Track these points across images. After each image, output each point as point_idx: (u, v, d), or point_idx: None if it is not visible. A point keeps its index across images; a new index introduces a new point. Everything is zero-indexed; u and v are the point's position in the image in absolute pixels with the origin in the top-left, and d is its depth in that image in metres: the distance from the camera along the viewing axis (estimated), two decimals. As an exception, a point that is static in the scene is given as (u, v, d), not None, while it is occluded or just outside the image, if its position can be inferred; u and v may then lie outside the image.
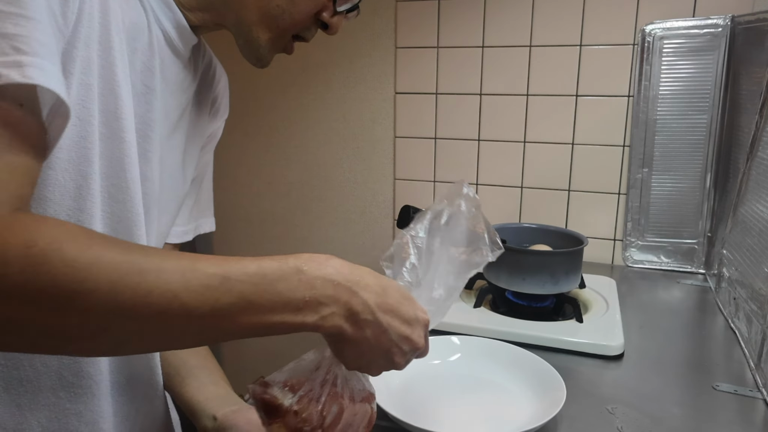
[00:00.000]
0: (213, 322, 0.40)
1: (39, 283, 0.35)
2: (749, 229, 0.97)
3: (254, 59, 0.64)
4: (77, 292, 0.35)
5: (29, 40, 0.39)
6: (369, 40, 1.49)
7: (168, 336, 0.41)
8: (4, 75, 0.37)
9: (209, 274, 0.40)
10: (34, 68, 0.38)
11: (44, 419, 0.53)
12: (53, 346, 0.39)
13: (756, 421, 0.73)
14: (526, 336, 0.91)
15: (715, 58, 1.21)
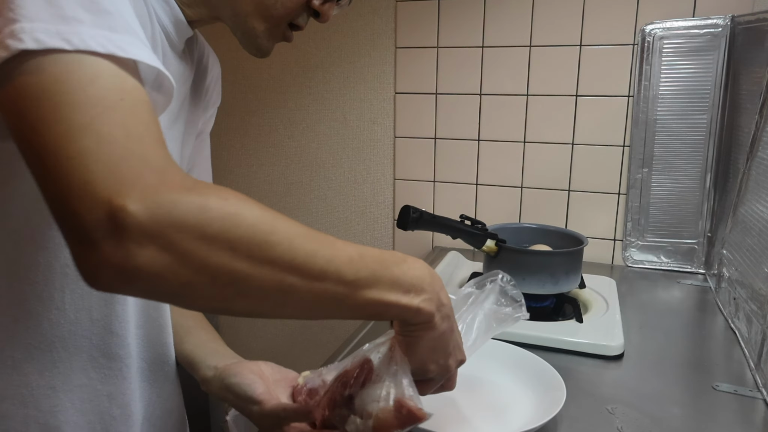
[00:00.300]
0: (350, 292, 0.45)
1: (238, 229, 0.38)
2: (749, 229, 0.97)
3: (254, 50, 0.65)
4: (266, 242, 0.39)
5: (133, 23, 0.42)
6: (369, 40, 1.49)
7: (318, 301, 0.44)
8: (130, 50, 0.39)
9: (351, 249, 0.45)
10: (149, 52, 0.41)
11: (77, 401, 0.54)
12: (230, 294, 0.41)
13: (756, 421, 0.73)
14: (526, 336, 0.91)
15: (715, 58, 1.21)
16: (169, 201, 0.36)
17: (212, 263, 0.38)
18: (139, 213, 0.35)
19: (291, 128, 1.61)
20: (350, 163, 1.58)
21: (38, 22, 0.37)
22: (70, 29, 0.37)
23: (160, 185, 0.37)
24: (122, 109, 0.38)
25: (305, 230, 0.43)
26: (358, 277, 0.44)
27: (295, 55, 1.56)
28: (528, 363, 0.80)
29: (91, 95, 0.37)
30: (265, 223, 0.40)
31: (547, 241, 1.12)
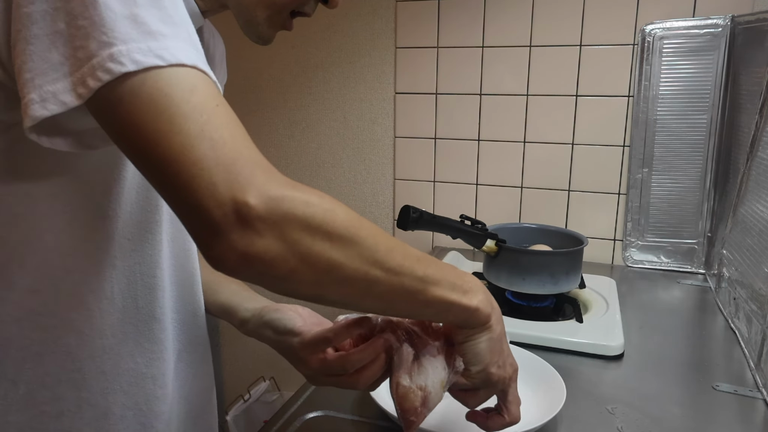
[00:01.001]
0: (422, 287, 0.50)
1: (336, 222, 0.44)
2: (749, 229, 0.97)
3: (255, 37, 0.66)
4: (357, 236, 0.45)
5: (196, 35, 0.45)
6: (369, 40, 1.49)
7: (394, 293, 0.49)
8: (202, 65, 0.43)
9: (416, 251, 0.50)
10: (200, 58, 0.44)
11: (125, 384, 0.58)
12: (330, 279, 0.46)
13: (756, 421, 0.73)
14: (526, 336, 0.91)
15: (715, 58, 1.21)
16: (281, 196, 0.42)
17: (314, 251, 0.43)
18: (258, 206, 0.41)
19: (291, 128, 1.61)
20: (350, 163, 1.58)
21: (132, 43, 0.40)
22: (159, 45, 0.41)
23: (269, 182, 0.42)
24: (221, 114, 0.43)
25: (382, 231, 0.48)
26: (426, 273, 0.50)
27: (295, 55, 1.56)
28: (528, 363, 0.80)
29: (196, 104, 0.41)
30: (354, 219, 0.46)
31: (547, 241, 1.12)
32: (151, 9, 0.42)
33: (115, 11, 0.40)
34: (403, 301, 0.50)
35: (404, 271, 0.48)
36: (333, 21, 1.50)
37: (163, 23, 0.42)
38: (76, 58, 0.40)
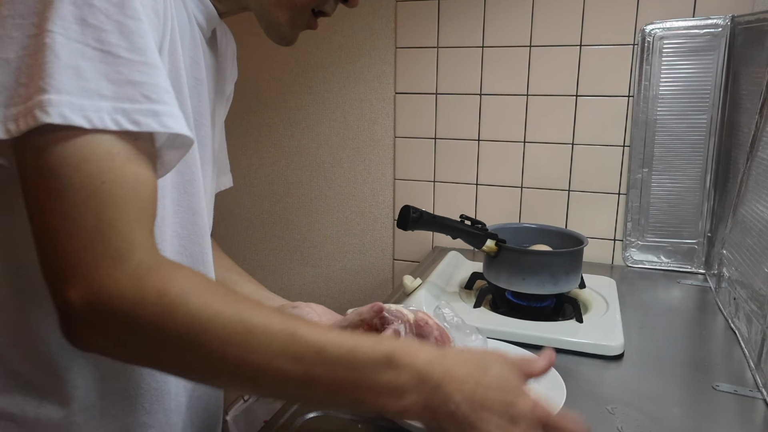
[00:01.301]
0: (300, 388, 0.44)
1: (166, 328, 0.42)
2: (749, 229, 0.97)
3: (278, 38, 0.66)
4: (196, 341, 0.42)
5: (156, 87, 0.44)
6: (369, 40, 1.49)
7: (261, 387, 0.46)
8: (144, 123, 0.43)
9: (308, 343, 0.44)
10: (167, 117, 0.44)
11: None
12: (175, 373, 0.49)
13: (756, 421, 0.73)
14: (526, 336, 0.91)
15: (715, 58, 1.21)
16: (108, 296, 0.41)
17: (144, 353, 0.44)
18: (81, 308, 0.41)
19: (291, 128, 1.61)
20: (350, 163, 1.58)
21: (65, 95, 0.40)
22: (93, 104, 0.41)
23: (107, 277, 0.41)
24: (101, 194, 0.42)
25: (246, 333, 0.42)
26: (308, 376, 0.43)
27: (295, 55, 1.56)
28: (528, 363, 0.80)
29: (76, 182, 0.41)
30: (199, 322, 0.42)
31: (547, 241, 1.12)
32: (99, 63, 0.41)
33: (61, 59, 0.40)
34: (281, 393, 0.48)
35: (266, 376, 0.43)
36: (333, 21, 1.50)
37: (109, 81, 0.42)
38: (17, 94, 0.41)
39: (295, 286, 1.71)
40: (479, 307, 1.05)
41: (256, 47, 1.56)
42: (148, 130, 0.43)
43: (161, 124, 0.44)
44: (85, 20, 0.41)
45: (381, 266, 1.60)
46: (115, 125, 0.42)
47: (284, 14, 0.63)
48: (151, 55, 0.44)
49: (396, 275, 1.59)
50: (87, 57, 0.41)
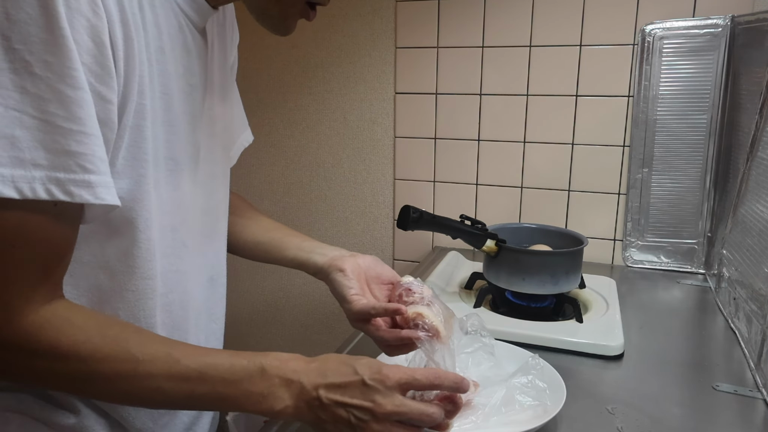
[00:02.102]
0: (188, 404, 0.53)
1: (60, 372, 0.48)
2: (749, 229, 0.97)
3: (272, 29, 0.66)
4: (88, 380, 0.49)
5: (93, 158, 0.45)
6: (369, 40, 1.49)
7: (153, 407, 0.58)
8: (77, 194, 0.44)
9: (190, 369, 0.50)
10: (102, 188, 0.46)
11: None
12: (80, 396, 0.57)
13: (756, 421, 0.73)
14: (526, 336, 0.91)
15: (715, 58, 1.21)
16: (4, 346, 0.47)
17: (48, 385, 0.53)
18: None
19: (291, 128, 1.61)
20: (350, 163, 1.58)
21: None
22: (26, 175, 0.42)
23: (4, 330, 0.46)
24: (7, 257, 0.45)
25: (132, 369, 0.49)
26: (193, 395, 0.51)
27: (295, 55, 1.56)
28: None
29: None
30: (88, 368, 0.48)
31: (547, 241, 1.12)
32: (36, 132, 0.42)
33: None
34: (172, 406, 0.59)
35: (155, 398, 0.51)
36: (333, 21, 1.50)
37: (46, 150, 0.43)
38: None
39: (295, 286, 1.71)
40: (479, 307, 1.05)
41: (256, 47, 1.56)
42: (80, 202, 0.45)
43: (94, 195, 0.45)
44: (25, 88, 0.42)
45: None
46: (48, 195, 0.43)
47: (275, 6, 0.61)
48: (90, 125, 0.45)
49: (396, 275, 1.59)
50: (24, 125, 0.42)
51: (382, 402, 0.53)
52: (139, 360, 0.49)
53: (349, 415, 0.53)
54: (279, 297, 1.73)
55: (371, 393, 0.53)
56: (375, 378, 0.53)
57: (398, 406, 0.53)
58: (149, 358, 0.49)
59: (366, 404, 0.53)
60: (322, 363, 0.55)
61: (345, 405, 0.53)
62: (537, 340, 0.91)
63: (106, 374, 0.48)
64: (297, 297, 1.71)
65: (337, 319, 1.67)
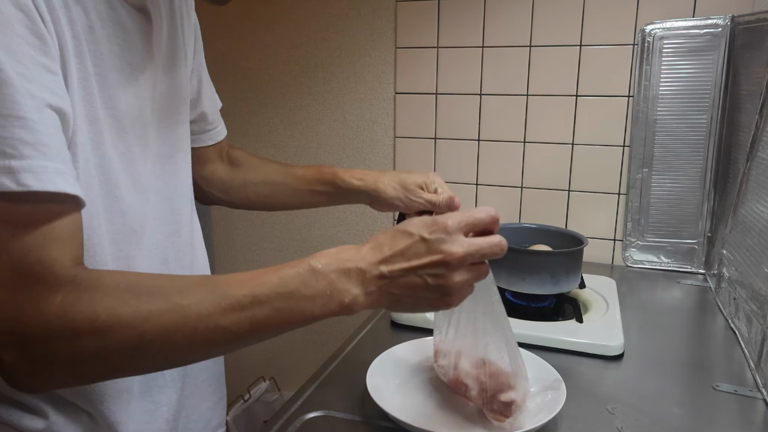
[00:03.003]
0: (255, 334, 0.47)
1: (108, 346, 0.43)
2: (749, 229, 0.97)
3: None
4: (140, 345, 0.44)
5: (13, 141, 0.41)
6: (369, 40, 1.49)
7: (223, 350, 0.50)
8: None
9: (240, 296, 0.46)
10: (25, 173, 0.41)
11: None
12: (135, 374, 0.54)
13: (756, 421, 0.73)
14: (526, 336, 0.91)
15: (715, 58, 1.21)
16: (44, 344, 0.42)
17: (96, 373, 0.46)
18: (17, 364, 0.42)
19: (291, 128, 1.61)
20: (350, 163, 1.58)
21: None
22: None
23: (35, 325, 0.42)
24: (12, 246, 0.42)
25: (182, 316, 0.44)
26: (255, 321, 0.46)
27: (295, 55, 1.56)
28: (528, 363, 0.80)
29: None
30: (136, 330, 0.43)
31: (547, 241, 1.12)
32: None
33: None
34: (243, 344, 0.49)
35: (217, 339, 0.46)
36: (333, 21, 1.50)
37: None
38: None
39: (295, 286, 1.70)
40: (479, 307, 1.05)
41: (257, 47, 1.56)
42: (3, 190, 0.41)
43: (17, 182, 0.41)
44: None
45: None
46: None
47: None
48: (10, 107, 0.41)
49: (396, 275, 1.59)
50: None
51: (452, 249, 0.50)
52: (184, 306, 0.45)
53: (423, 278, 0.50)
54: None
55: (437, 245, 0.50)
56: (434, 230, 0.50)
57: (469, 247, 0.50)
58: (194, 301, 0.45)
59: (436, 258, 0.49)
60: (372, 242, 0.51)
61: (414, 269, 0.50)
62: (537, 340, 0.91)
63: (156, 331, 0.44)
64: (297, 297, 1.71)
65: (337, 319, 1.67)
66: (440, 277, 0.50)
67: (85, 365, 0.44)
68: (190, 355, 0.48)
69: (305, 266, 0.49)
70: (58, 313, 0.42)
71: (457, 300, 0.52)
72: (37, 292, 0.42)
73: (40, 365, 0.43)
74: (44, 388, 0.46)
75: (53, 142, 0.44)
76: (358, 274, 0.49)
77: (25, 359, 0.42)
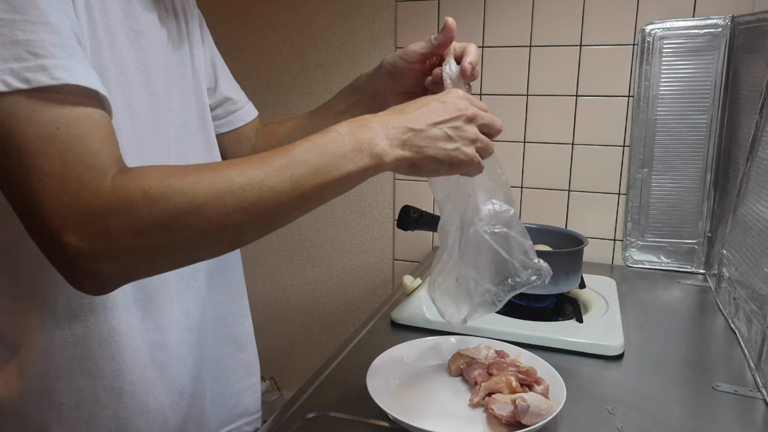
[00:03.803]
0: (296, 193, 0.50)
1: (165, 212, 0.45)
2: (749, 229, 0.97)
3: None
4: (194, 208, 0.46)
5: (42, 43, 0.44)
6: (369, 40, 1.49)
7: (270, 216, 0.50)
8: (33, 80, 0.43)
9: (277, 158, 0.50)
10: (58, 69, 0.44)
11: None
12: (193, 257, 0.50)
13: (756, 421, 0.73)
14: (526, 336, 0.91)
15: (715, 58, 1.21)
16: (103, 221, 0.44)
17: (157, 247, 0.46)
18: (81, 245, 0.43)
19: (291, 128, 1.61)
20: (350, 163, 1.58)
21: None
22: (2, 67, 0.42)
23: (93, 207, 0.44)
24: (59, 138, 0.44)
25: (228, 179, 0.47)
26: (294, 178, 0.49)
27: (295, 55, 1.56)
28: (528, 363, 0.80)
29: (30, 135, 0.43)
30: (187, 193, 0.46)
31: (547, 241, 1.12)
32: None
33: None
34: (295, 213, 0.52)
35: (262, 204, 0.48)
36: (333, 21, 1.50)
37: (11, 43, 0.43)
38: None
39: (295, 286, 1.71)
40: (479, 307, 1.05)
41: (257, 47, 1.56)
42: (38, 86, 0.43)
43: (51, 77, 0.44)
44: None
45: (381, 266, 1.60)
46: (5, 86, 0.43)
47: None
48: (33, 12, 0.44)
49: (396, 275, 1.59)
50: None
51: (466, 106, 0.59)
52: (229, 171, 0.48)
53: (445, 130, 0.57)
54: (279, 297, 1.73)
55: (452, 104, 0.59)
56: (448, 95, 0.60)
57: (478, 109, 0.60)
58: (237, 167, 0.48)
59: (454, 113, 0.58)
60: (392, 109, 0.58)
61: (436, 123, 0.57)
62: (537, 340, 0.91)
63: (206, 194, 0.46)
64: (297, 297, 1.71)
65: (337, 319, 1.67)
66: (458, 129, 0.57)
67: (144, 237, 0.45)
68: (245, 224, 0.49)
69: (330, 132, 0.53)
70: (111, 190, 0.44)
71: (472, 153, 0.58)
72: (88, 177, 0.44)
73: (102, 242, 0.44)
74: (109, 272, 0.45)
75: (78, 48, 0.47)
76: (382, 128, 0.54)
77: (87, 238, 0.43)
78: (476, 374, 0.76)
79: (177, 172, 0.47)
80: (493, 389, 0.72)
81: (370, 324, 1.00)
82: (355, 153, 0.52)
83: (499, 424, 0.68)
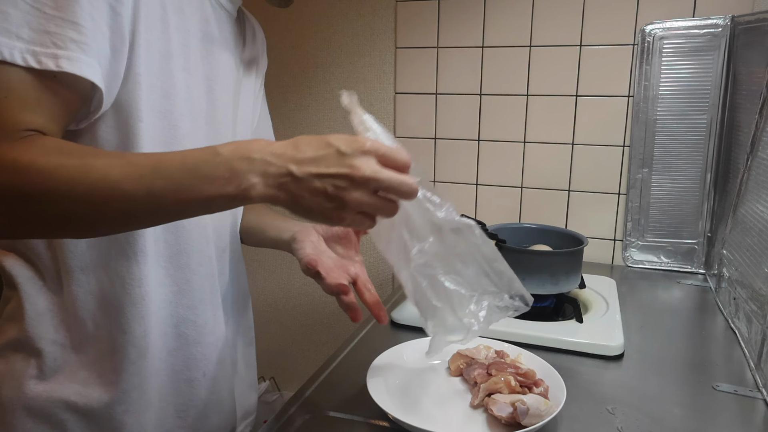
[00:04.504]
0: (152, 203, 0.50)
1: (22, 185, 0.48)
2: (749, 229, 0.97)
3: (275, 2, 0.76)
4: (47, 190, 0.48)
5: (64, 39, 0.51)
6: (369, 40, 1.49)
7: (122, 217, 0.52)
8: (44, 63, 0.51)
9: (143, 165, 0.50)
10: (65, 60, 0.51)
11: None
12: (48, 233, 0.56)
13: (756, 421, 0.73)
14: (526, 336, 0.91)
15: (715, 58, 1.21)
16: None
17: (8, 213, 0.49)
18: None
19: (291, 128, 1.61)
20: (350, 163, 1.58)
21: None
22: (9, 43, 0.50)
23: None
24: None
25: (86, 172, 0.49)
26: (152, 190, 0.49)
27: (295, 55, 1.56)
28: (528, 363, 0.80)
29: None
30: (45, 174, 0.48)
31: (547, 241, 1.12)
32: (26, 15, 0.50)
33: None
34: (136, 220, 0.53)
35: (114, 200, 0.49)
36: (333, 21, 1.50)
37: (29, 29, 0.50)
38: None
39: (295, 287, 1.71)
40: (479, 307, 1.05)
41: (256, 47, 1.56)
42: (46, 69, 0.51)
43: (57, 65, 0.51)
44: None
45: (381, 266, 1.60)
46: (23, 62, 0.50)
47: None
48: (71, 14, 0.51)
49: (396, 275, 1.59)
50: (18, 7, 0.50)
51: (361, 166, 0.52)
52: (92, 164, 0.49)
53: (326, 185, 0.51)
54: (279, 297, 1.73)
55: (348, 159, 0.52)
56: (351, 146, 0.53)
57: (376, 172, 0.53)
58: (103, 163, 0.50)
59: (343, 171, 0.52)
60: (292, 141, 0.53)
61: (321, 176, 0.51)
62: (537, 340, 0.91)
63: (61, 180, 0.48)
64: (297, 297, 1.71)
65: (337, 319, 1.67)
66: (341, 189, 0.52)
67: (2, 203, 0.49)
68: (95, 217, 0.51)
69: (211, 149, 0.51)
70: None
71: (349, 218, 0.54)
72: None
73: None
74: None
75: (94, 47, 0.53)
76: (262, 164, 0.50)
77: None
78: (476, 374, 0.76)
79: (52, 153, 0.50)
80: (492, 389, 0.72)
81: (370, 324, 1.00)
82: (224, 181, 0.50)
83: (499, 424, 0.68)
